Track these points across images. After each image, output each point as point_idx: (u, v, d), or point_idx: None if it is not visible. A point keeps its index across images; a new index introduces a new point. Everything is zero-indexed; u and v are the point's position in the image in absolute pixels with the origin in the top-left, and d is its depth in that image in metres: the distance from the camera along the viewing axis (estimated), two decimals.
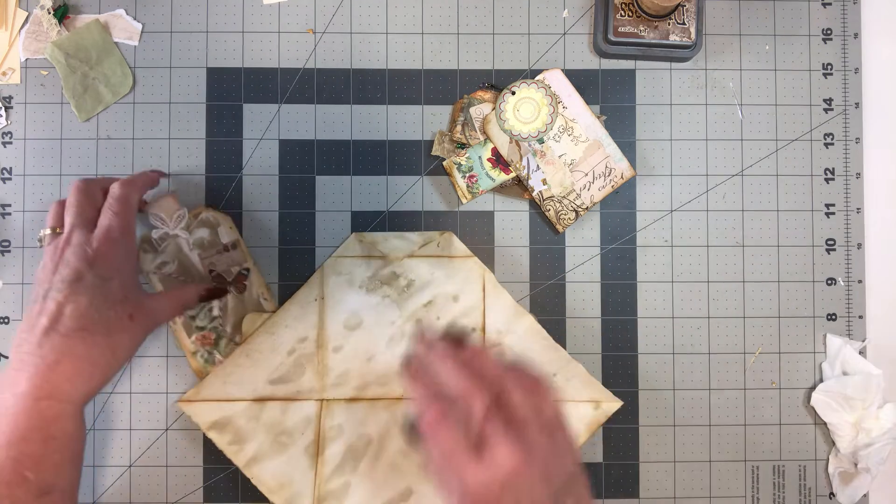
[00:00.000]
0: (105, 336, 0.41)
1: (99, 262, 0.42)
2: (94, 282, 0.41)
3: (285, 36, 0.54)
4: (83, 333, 0.40)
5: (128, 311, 0.42)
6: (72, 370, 0.40)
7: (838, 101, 0.55)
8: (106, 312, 0.41)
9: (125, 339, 0.42)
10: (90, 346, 0.40)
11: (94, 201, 0.45)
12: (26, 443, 0.38)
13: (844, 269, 0.55)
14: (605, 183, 0.53)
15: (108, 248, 0.43)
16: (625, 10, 0.53)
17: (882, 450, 0.51)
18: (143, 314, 0.44)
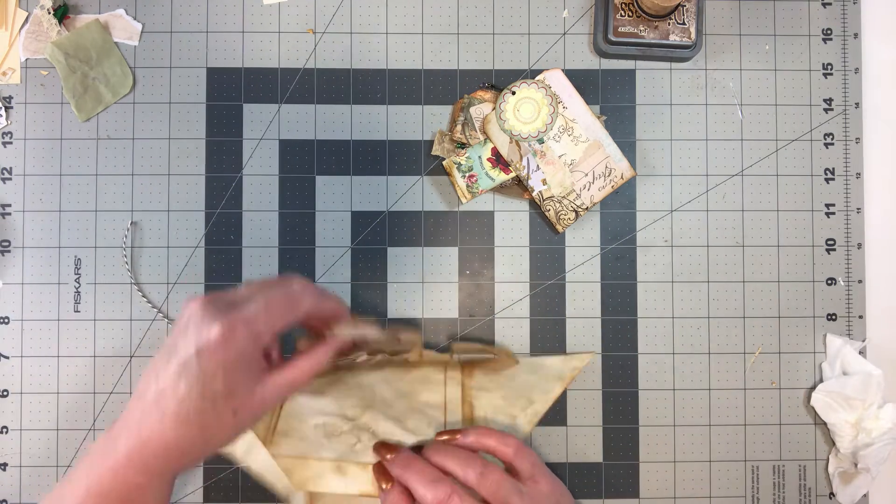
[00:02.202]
0: (199, 430, 0.38)
1: (207, 355, 0.37)
2: (197, 373, 0.37)
3: (285, 36, 0.54)
4: (177, 421, 0.37)
5: (231, 406, 0.38)
6: (162, 451, 0.38)
7: (838, 101, 0.55)
8: (204, 407, 0.37)
9: (221, 434, 0.39)
10: (182, 435, 0.38)
11: (286, 306, 0.40)
12: (105, 500, 0.38)
13: (844, 269, 0.55)
14: (605, 183, 0.53)
15: (225, 346, 0.38)
16: (625, 10, 0.53)
17: (882, 450, 0.51)
18: (251, 406, 0.39)
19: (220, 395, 0.38)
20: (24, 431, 0.53)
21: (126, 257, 0.53)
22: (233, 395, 0.38)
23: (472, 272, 0.54)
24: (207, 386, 0.37)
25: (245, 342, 0.38)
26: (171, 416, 0.37)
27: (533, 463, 0.45)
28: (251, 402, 0.39)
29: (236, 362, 0.38)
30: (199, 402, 0.37)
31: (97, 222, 0.54)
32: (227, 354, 0.37)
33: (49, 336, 0.53)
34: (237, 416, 0.39)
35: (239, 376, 0.38)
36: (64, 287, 0.53)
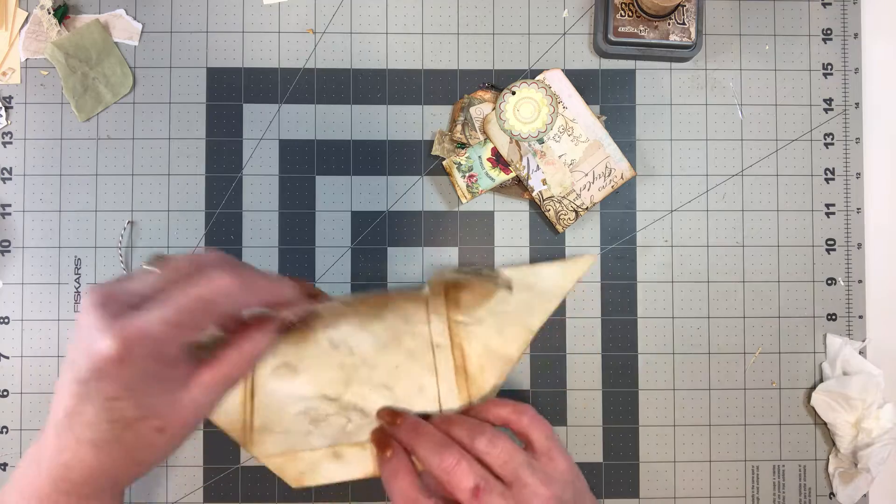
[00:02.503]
0: (123, 454, 0.33)
1: (106, 378, 0.31)
2: (98, 398, 0.31)
3: (285, 36, 0.54)
4: (95, 448, 0.32)
5: (153, 426, 0.33)
6: (88, 477, 0.33)
7: (838, 101, 0.55)
8: (118, 433, 0.32)
9: (152, 454, 0.34)
10: (104, 461, 0.32)
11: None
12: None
13: (844, 269, 0.55)
14: (605, 183, 0.53)
15: (119, 363, 0.31)
16: (625, 10, 0.53)
17: (882, 450, 0.51)
18: (180, 418, 0.33)
19: (135, 419, 0.32)
20: (24, 431, 0.53)
21: (122, 256, 0.53)
22: (152, 415, 0.32)
23: None
24: (114, 411, 0.31)
25: (146, 361, 0.31)
26: (87, 441, 0.32)
27: (548, 436, 0.40)
28: (178, 413, 0.33)
29: (142, 382, 0.32)
30: (110, 429, 0.32)
31: (97, 222, 0.54)
32: (127, 375, 0.31)
33: (49, 336, 0.53)
34: (165, 433, 0.33)
35: (152, 394, 0.32)
36: (64, 287, 0.53)
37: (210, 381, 0.34)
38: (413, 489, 0.38)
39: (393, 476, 0.39)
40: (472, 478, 0.37)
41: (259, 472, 0.53)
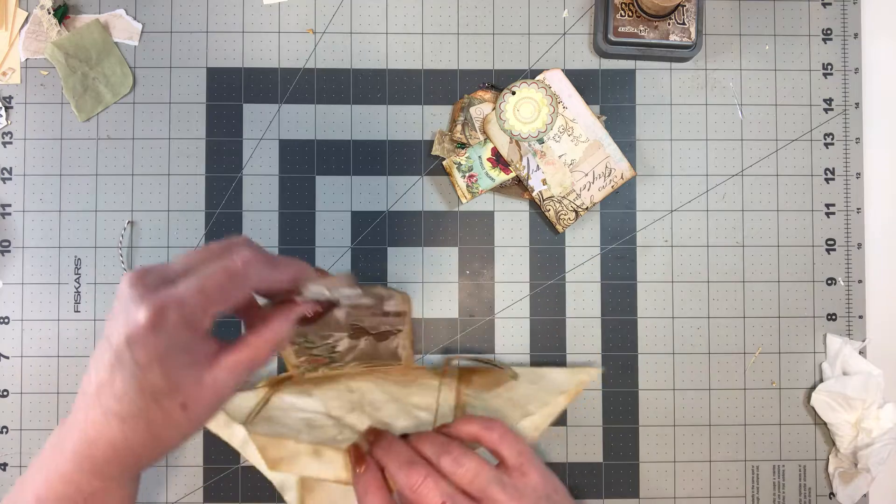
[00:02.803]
0: (146, 429, 0.33)
1: (138, 345, 0.32)
2: (131, 366, 0.32)
3: (285, 36, 0.54)
4: (121, 420, 0.33)
5: (178, 401, 0.33)
6: (111, 453, 0.34)
7: (838, 101, 0.55)
8: (145, 404, 0.33)
9: (173, 432, 0.34)
10: (128, 435, 0.33)
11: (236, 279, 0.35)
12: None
13: (844, 269, 0.55)
14: (605, 183, 0.53)
15: (153, 330, 0.32)
16: (625, 10, 0.53)
17: (882, 450, 0.51)
18: (202, 398, 0.34)
19: (162, 391, 0.33)
20: (24, 431, 0.53)
21: (122, 256, 0.53)
22: (177, 389, 0.33)
23: (472, 272, 0.54)
24: (144, 380, 0.32)
25: (178, 329, 0.33)
26: (114, 414, 0.33)
27: (520, 451, 0.41)
28: (201, 392, 0.34)
29: (172, 351, 0.33)
30: (139, 400, 0.33)
31: (97, 222, 0.54)
32: (158, 343, 0.32)
33: (49, 336, 0.53)
34: (188, 411, 0.34)
35: (180, 366, 0.33)
36: (64, 287, 0.53)
37: (233, 363, 0.35)
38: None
39: (364, 492, 0.40)
40: (438, 496, 0.38)
41: (259, 473, 0.53)
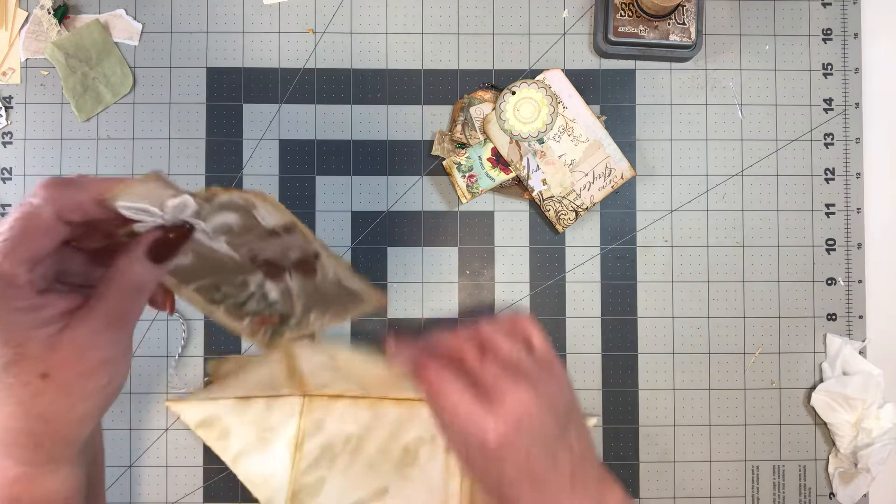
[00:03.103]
0: (18, 407, 0.30)
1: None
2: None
3: (285, 36, 0.54)
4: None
5: (34, 371, 0.30)
6: (10, 437, 0.31)
7: (838, 101, 0.55)
8: (2, 378, 0.30)
9: (47, 405, 0.30)
10: (10, 416, 0.30)
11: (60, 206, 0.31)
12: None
13: (844, 269, 0.55)
14: (605, 183, 0.53)
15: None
16: (625, 10, 0.53)
17: (882, 450, 0.51)
18: (65, 365, 0.30)
19: (10, 361, 0.30)
20: None
21: None
22: (25, 357, 0.30)
23: (472, 272, 0.54)
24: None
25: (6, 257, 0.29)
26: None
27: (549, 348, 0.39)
28: (60, 357, 0.30)
29: (1, 313, 0.29)
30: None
31: None
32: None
33: None
34: (50, 380, 0.30)
35: (18, 329, 0.30)
36: None
37: (89, 318, 0.31)
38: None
39: (438, 389, 0.37)
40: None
41: None
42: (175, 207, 0.34)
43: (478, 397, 0.35)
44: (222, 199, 0.36)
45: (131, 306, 0.32)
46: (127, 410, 0.53)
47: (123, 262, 0.32)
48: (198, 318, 0.53)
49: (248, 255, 0.37)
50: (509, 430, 0.34)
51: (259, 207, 0.36)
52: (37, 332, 0.30)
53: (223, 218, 0.36)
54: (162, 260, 0.33)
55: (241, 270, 0.38)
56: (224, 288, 0.38)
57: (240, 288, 0.38)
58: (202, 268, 0.37)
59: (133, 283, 0.32)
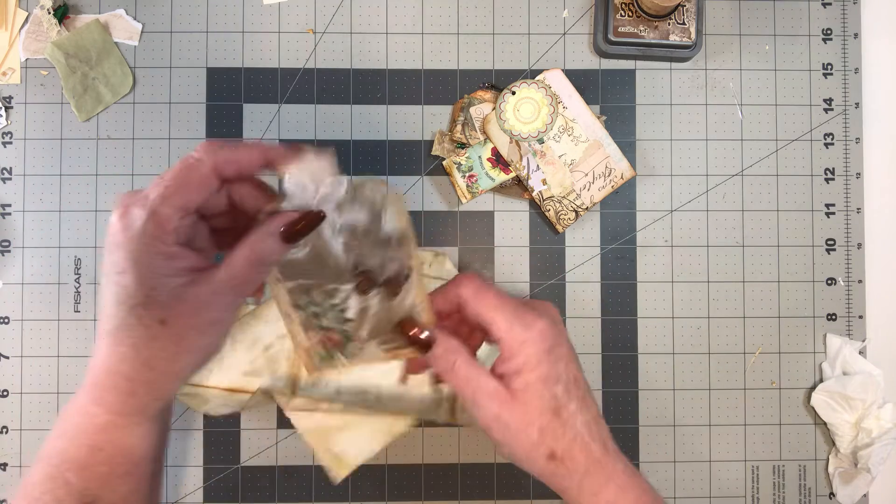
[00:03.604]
0: (132, 349, 0.32)
1: (112, 248, 0.32)
2: (108, 273, 0.32)
3: (285, 36, 0.54)
4: (110, 340, 0.33)
5: (155, 314, 0.32)
6: (109, 381, 0.33)
7: (838, 101, 0.55)
8: (126, 318, 0.32)
9: (158, 351, 0.33)
10: (121, 359, 0.33)
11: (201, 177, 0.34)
12: (73, 444, 0.34)
13: (844, 269, 0.55)
14: (605, 183, 0.53)
15: (123, 228, 0.32)
16: (625, 10, 0.53)
17: (882, 450, 0.51)
18: (183, 314, 0.33)
19: (138, 300, 0.32)
20: (24, 431, 0.53)
21: None
22: (154, 300, 0.32)
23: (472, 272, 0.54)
24: (121, 287, 0.32)
25: (144, 222, 0.32)
26: (105, 333, 0.33)
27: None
28: (181, 308, 0.32)
29: (145, 254, 0.32)
30: (120, 311, 0.32)
31: (97, 222, 0.54)
32: (126, 239, 0.32)
33: (49, 336, 0.53)
34: (168, 327, 0.32)
35: (154, 274, 0.32)
36: (64, 287, 0.53)
37: (215, 280, 0.33)
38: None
39: (449, 364, 0.38)
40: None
41: (259, 472, 0.53)
42: (330, 189, 0.36)
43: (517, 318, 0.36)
44: (366, 193, 0.37)
45: (253, 276, 0.34)
46: None
47: (257, 235, 0.34)
48: None
49: (354, 260, 0.38)
50: (555, 326, 0.37)
51: (388, 209, 0.38)
52: (168, 279, 0.32)
53: (355, 215, 0.37)
54: (292, 240, 0.35)
55: (339, 277, 0.38)
56: (314, 293, 0.39)
57: (327, 297, 0.39)
58: (309, 265, 0.38)
59: (260, 256, 0.34)
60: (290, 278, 0.38)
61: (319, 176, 0.36)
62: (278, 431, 0.53)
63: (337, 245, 0.38)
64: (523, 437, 0.36)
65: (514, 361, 0.36)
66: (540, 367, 0.36)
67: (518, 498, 0.53)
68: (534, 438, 0.36)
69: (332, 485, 0.53)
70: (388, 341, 0.39)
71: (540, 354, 0.36)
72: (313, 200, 0.36)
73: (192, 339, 0.33)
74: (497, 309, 0.36)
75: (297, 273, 0.38)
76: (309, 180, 0.36)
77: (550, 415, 0.36)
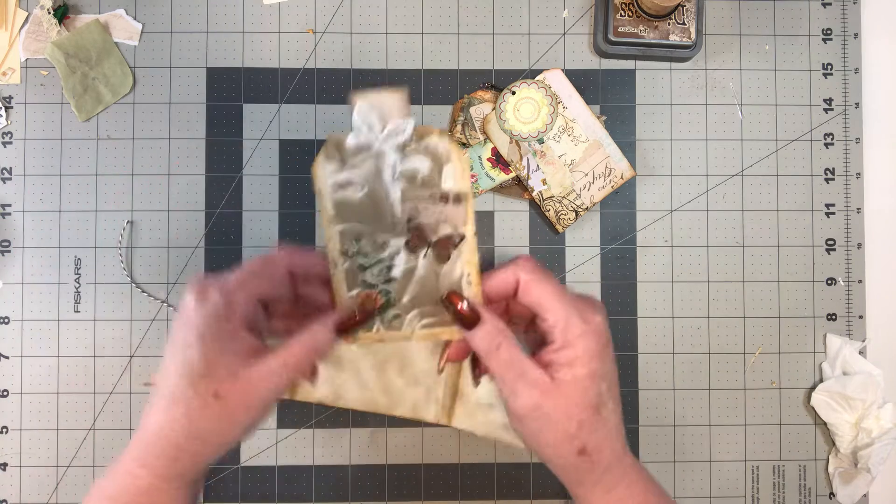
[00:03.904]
0: (185, 416, 0.34)
1: (182, 323, 0.35)
2: (175, 345, 0.35)
3: (285, 36, 0.54)
4: (165, 404, 0.35)
5: (211, 388, 0.34)
6: (156, 442, 0.35)
7: (838, 101, 0.55)
8: (182, 386, 0.34)
9: (209, 424, 0.35)
10: (169, 422, 0.35)
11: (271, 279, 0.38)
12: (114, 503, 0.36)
13: (844, 269, 0.55)
14: (605, 183, 0.53)
15: (197, 308, 0.35)
16: (625, 10, 0.53)
17: (882, 450, 0.51)
18: (237, 392, 0.35)
19: (198, 372, 0.34)
20: (24, 431, 0.53)
21: (122, 256, 0.53)
22: (211, 374, 0.34)
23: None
24: (184, 358, 0.34)
25: (217, 305, 0.35)
26: (161, 396, 0.35)
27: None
28: (235, 386, 0.35)
29: (211, 334, 0.35)
30: (179, 380, 0.34)
31: (97, 222, 0.54)
32: (200, 322, 0.34)
33: (49, 336, 0.53)
34: (221, 402, 0.34)
35: (217, 351, 0.35)
36: (64, 287, 0.53)
37: (271, 364, 0.35)
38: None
39: (495, 345, 0.37)
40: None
41: (259, 472, 0.53)
42: (395, 129, 0.35)
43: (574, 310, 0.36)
44: (430, 141, 0.36)
45: (305, 365, 0.37)
46: (127, 410, 0.53)
47: (316, 326, 0.37)
48: None
49: (409, 212, 0.37)
50: (608, 323, 0.37)
51: (452, 163, 0.36)
52: (228, 358, 0.35)
53: (417, 162, 0.36)
54: (345, 335, 0.37)
55: (392, 229, 0.37)
56: (363, 241, 0.38)
57: (377, 249, 0.38)
58: (364, 208, 0.37)
59: (315, 346, 0.36)
60: (344, 220, 0.37)
61: (388, 113, 0.35)
62: (278, 431, 0.53)
63: (395, 191, 0.37)
64: (560, 429, 0.36)
65: (565, 352, 0.36)
66: (592, 362, 0.36)
67: (518, 498, 0.53)
68: (571, 431, 0.36)
69: (332, 485, 0.53)
70: (429, 314, 0.38)
71: (595, 350, 0.36)
72: (378, 138, 0.35)
73: (241, 416, 0.35)
74: (556, 297, 0.36)
75: (351, 214, 0.37)
76: (377, 116, 0.35)
77: (591, 411, 0.36)
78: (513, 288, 0.38)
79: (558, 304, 0.36)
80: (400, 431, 0.53)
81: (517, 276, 0.37)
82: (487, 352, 0.36)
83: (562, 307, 0.36)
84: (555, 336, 0.36)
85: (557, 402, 0.36)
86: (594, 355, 0.36)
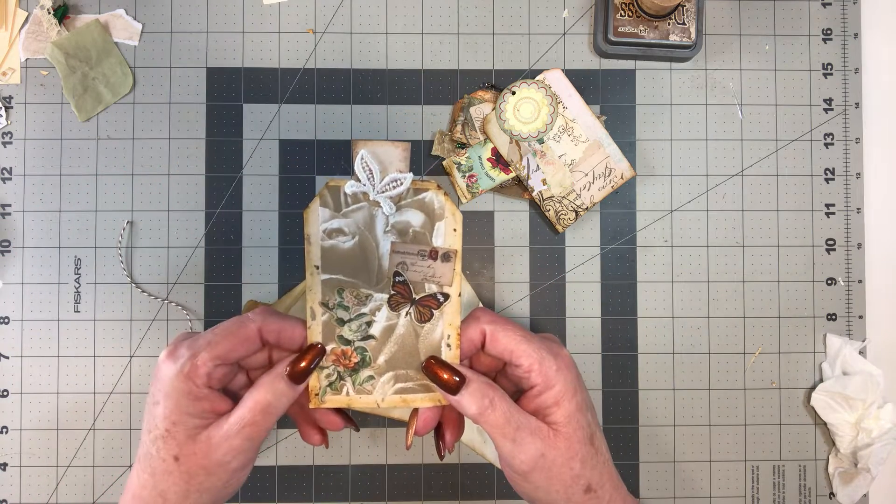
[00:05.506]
0: (150, 477, 0.35)
1: (155, 382, 0.36)
2: (148, 406, 0.36)
3: (285, 36, 0.54)
4: (138, 466, 0.36)
5: (172, 450, 0.35)
6: (131, 501, 0.37)
7: (838, 101, 0.55)
8: (150, 448, 0.35)
9: (171, 486, 0.35)
10: (142, 484, 0.36)
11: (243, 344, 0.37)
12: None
13: (844, 269, 0.55)
14: (605, 183, 0.53)
15: (165, 365, 0.36)
16: (625, 10, 0.53)
17: (882, 450, 0.51)
18: (196, 455, 0.35)
19: (160, 433, 0.35)
20: (24, 431, 0.53)
21: (122, 256, 0.53)
22: (173, 437, 0.35)
23: (471, 272, 0.54)
24: (151, 417, 0.35)
25: (184, 364, 0.35)
26: (138, 457, 0.36)
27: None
28: (194, 448, 0.35)
29: (175, 389, 0.35)
30: (147, 441, 0.36)
31: (97, 222, 0.54)
32: (166, 376, 0.35)
33: (49, 336, 0.53)
34: (180, 465, 0.35)
35: (181, 411, 0.35)
36: (64, 287, 0.53)
37: (225, 424, 0.35)
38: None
39: (489, 401, 0.37)
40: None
41: (259, 472, 0.53)
42: (393, 179, 0.36)
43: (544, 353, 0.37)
44: (427, 195, 0.37)
45: (262, 421, 0.35)
46: (127, 410, 0.53)
47: (266, 378, 0.36)
48: (200, 319, 0.53)
49: (396, 267, 0.37)
50: (572, 365, 0.37)
51: (445, 220, 0.37)
52: (189, 419, 0.35)
53: (411, 216, 0.37)
54: (299, 380, 0.36)
55: (377, 283, 0.38)
56: (345, 294, 0.38)
57: (358, 302, 0.38)
58: (351, 260, 0.37)
59: (267, 399, 0.36)
60: (329, 270, 0.37)
61: (389, 163, 0.35)
62: (278, 431, 0.53)
63: (385, 244, 0.37)
64: (566, 472, 0.36)
65: (550, 393, 0.36)
66: (577, 394, 0.36)
67: (518, 498, 0.53)
68: (576, 471, 0.36)
69: (332, 485, 0.53)
70: (404, 379, 0.38)
71: (574, 381, 0.36)
72: (375, 187, 0.36)
73: (201, 480, 0.35)
74: (525, 341, 0.36)
75: (337, 265, 0.37)
76: (377, 165, 0.36)
77: (588, 443, 0.36)
78: (479, 341, 0.38)
79: (528, 346, 0.36)
80: (400, 431, 0.53)
81: (482, 329, 0.37)
82: (480, 410, 0.36)
83: (532, 349, 0.36)
84: (533, 379, 0.36)
85: (559, 445, 0.35)
86: (576, 387, 0.36)
